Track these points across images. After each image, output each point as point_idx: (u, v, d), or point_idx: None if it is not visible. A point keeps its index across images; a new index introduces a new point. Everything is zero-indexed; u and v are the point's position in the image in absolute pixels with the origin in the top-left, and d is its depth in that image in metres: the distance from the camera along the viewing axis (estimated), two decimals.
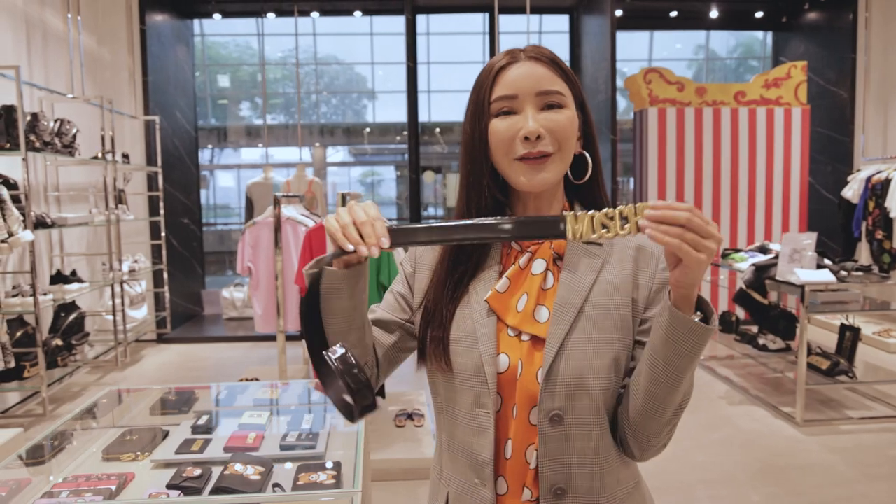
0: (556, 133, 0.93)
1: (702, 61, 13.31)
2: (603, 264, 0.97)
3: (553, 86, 0.94)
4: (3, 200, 3.67)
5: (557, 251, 0.99)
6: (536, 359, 0.93)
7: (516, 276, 0.97)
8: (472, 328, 0.96)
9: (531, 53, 0.96)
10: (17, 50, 4.68)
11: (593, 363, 0.92)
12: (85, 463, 1.70)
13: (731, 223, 6.68)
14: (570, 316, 0.93)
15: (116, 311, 5.30)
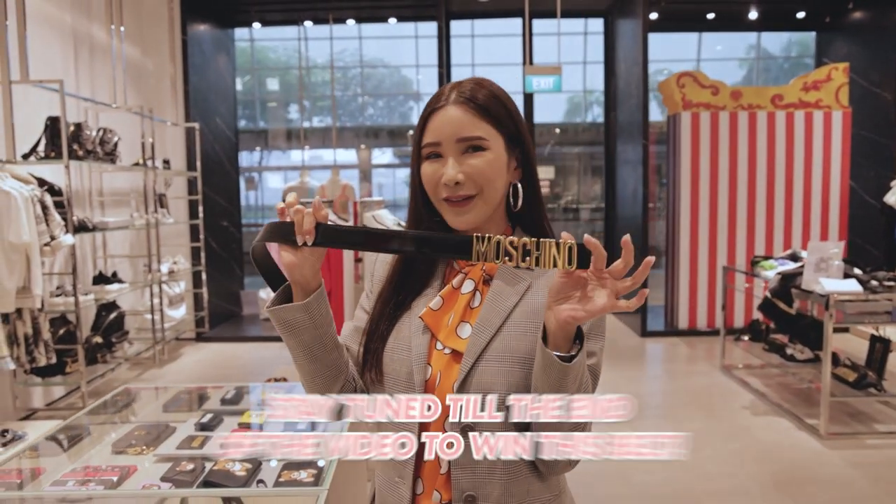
0: (475, 177, 1.00)
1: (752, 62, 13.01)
2: (528, 288, 1.03)
3: (473, 131, 1.00)
4: (47, 206, 3.89)
5: (489, 273, 1.05)
6: (454, 371, 1.00)
7: (449, 295, 1.04)
8: (408, 340, 1.03)
9: (462, 96, 1.00)
10: (66, 63, 4.95)
11: (504, 379, 0.97)
12: (96, 455, 1.82)
13: (766, 230, 6.56)
14: (489, 334, 0.99)
15: (155, 311, 5.53)
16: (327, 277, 3.58)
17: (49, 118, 4.19)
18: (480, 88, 1.02)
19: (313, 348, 0.99)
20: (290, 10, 7.63)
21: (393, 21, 7.94)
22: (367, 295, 1.14)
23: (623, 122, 7.30)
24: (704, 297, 6.61)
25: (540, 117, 14.43)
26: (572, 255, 0.84)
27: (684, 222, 6.57)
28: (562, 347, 0.91)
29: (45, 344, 3.96)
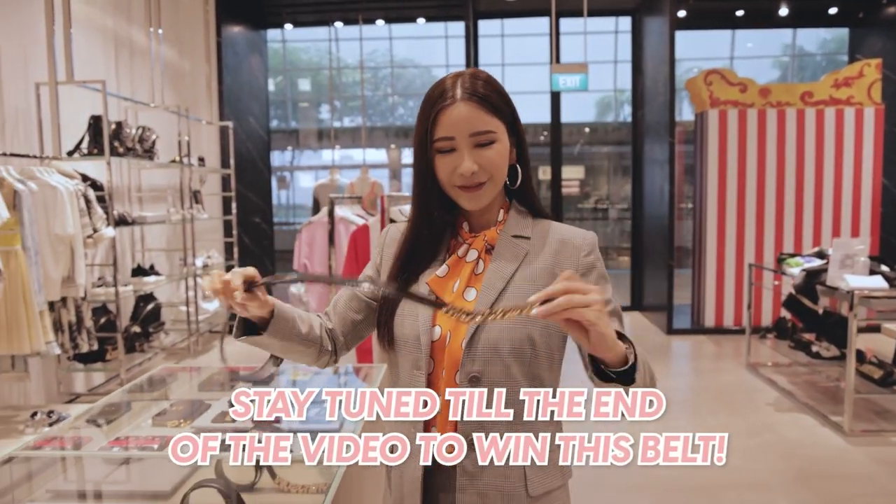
0: (487, 167, 1.10)
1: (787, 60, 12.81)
2: (526, 254, 1.15)
3: (484, 126, 1.09)
4: (90, 201, 4.07)
5: (490, 243, 1.17)
6: (462, 330, 1.10)
7: (454, 264, 1.16)
8: (415, 307, 1.14)
9: (466, 91, 1.08)
10: (107, 64, 5.16)
11: (507, 336, 1.08)
12: (137, 428, 1.95)
13: (795, 228, 6.51)
14: (492, 296, 1.11)
15: (190, 303, 5.72)
16: (357, 272, 3.70)
17: (92, 117, 4.38)
18: (481, 82, 1.11)
19: (284, 350, 1.17)
20: (321, 12, 7.79)
21: (421, 21, 8.06)
22: (374, 265, 1.26)
23: (650, 121, 7.30)
24: (731, 296, 6.59)
25: (569, 116, 14.38)
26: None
27: (711, 220, 6.56)
28: (614, 361, 0.95)
29: (87, 331, 4.15)
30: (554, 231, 1.18)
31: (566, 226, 1.20)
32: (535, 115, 8.27)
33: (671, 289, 6.59)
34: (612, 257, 11.75)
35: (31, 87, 4.19)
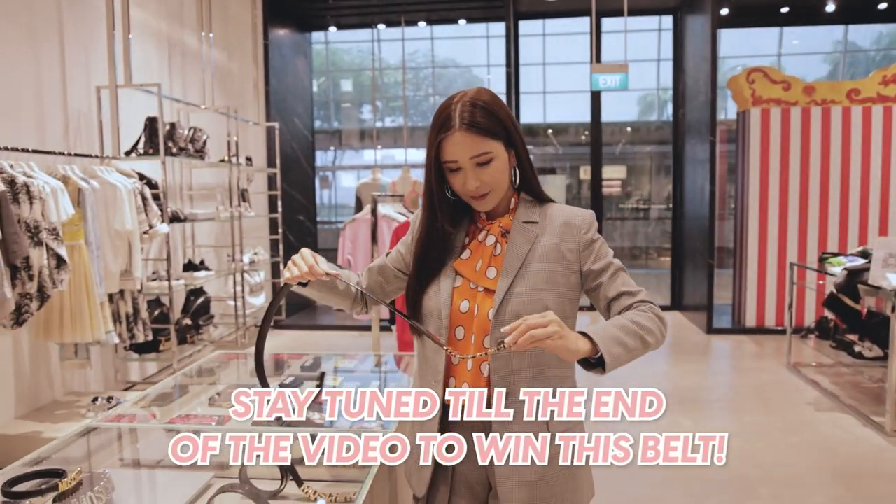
0: (489, 182, 1.30)
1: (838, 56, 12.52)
2: (537, 237, 1.34)
3: (481, 149, 1.27)
4: (146, 198, 4.29)
5: (505, 228, 1.36)
6: (487, 303, 1.32)
7: (475, 248, 1.38)
8: (438, 285, 1.37)
9: (464, 122, 1.26)
10: (161, 68, 5.40)
11: (527, 307, 1.28)
12: (195, 408, 2.10)
13: (840, 228, 6.41)
14: (512, 274, 1.31)
15: (237, 298, 5.94)
16: None
17: (148, 118, 4.61)
18: (477, 109, 1.27)
19: (323, 299, 1.48)
20: (364, 14, 7.96)
21: (462, 22, 8.16)
22: (407, 244, 1.49)
23: (691, 120, 7.26)
24: (773, 296, 6.52)
25: (612, 116, 14.29)
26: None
27: (753, 220, 6.50)
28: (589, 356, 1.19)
29: (143, 322, 4.37)
30: (558, 214, 1.37)
31: (568, 207, 1.40)
32: (576, 114, 8.28)
33: (711, 288, 6.55)
34: (653, 257, 11.66)
35: (93, 90, 4.44)
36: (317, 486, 1.49)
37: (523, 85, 8.06)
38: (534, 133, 14.99)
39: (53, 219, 3.38)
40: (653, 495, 3.13)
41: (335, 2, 7.44)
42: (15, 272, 3.22)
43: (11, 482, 1.33)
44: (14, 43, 3.80)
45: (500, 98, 1.34)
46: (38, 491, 1.30)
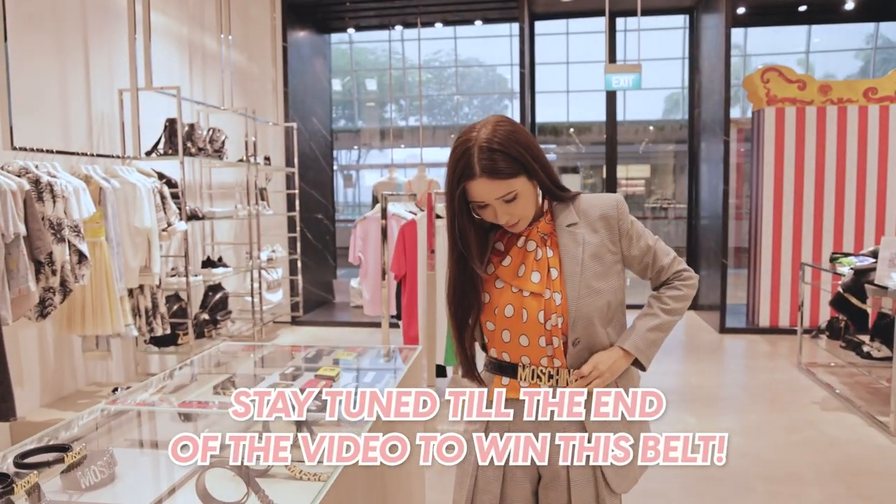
0: (518, 214, 1.39)
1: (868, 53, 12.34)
2: (583, 238, 1.42)
3: (506, 189, 1.34)
4: (165, 197, 4.45)
5: (543, 232, 1.44)
6: (534, 306, 1.39)
7: (516, 253, 1.45)
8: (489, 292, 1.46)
9: (485, 170, 1.31)
10: (182, 70, 5.57)
11: (593, 308, 1.40)
12: (201, 395, 2.22)
13: (856, 228, 6.37)
14: (577, 276, 1.40)
15: (255, 294, 6.10)
16: (403, 263, 3.93)
17: (168, 120, 4.77)
18: (495, 154, 1.31)
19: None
20: (382, 16, 8.08)
21: (479, 23, 8.24)
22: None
23: (706, 120, 7.25)
24: (787, 296, 6.50)
25: (637, 114, 14.23)
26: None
27: (767, 219, 6.49)
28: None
29: (161, 316, 4.53)
30: (591, 207, 1.45)
31: (597, 199, 1.47)
32: (599, 113, 8.29)
33: (724, 287, 6.55)
34: None
35: (115, 93, 4.61)
36: (302, 466, 1.59)
37: (546, 84, 8.13)
38: (557, 132, 14.98)
39: (75, 216, 3.54)
40: (650, 489, 3.17)
41: (353, 4, 7.56)
42: (39, 267, 3.38)
43: (23, 455, 1.45)
44: (41, 48, 3.98)
45: (516, 125, 1.37)
46: (46, 462, 1.42)
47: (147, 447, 1.86)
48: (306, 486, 1.51)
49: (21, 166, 3.40)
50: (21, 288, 3.21)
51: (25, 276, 3.22)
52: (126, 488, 1.49)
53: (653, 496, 3.11)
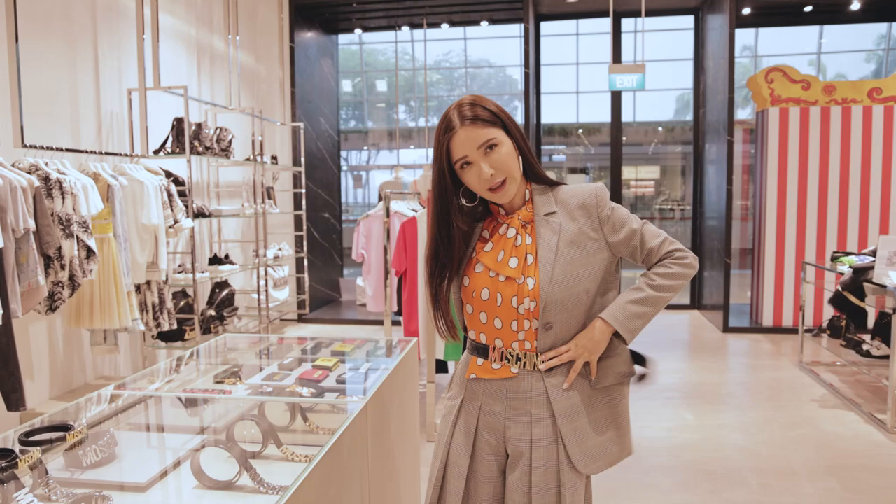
0: (501, 167, 1.42)
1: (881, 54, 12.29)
2: (560, 226, 1.46)
3: (486, 137, 1.41)
4: (172, 194, 4.54)
5: (524, 220, 1.50)
6: (509, 290, 1.45)
7: (497, 240, 1.51)
8: (461, 279, 1.54)
9: (465, 118, 1.41)
10: (190, 70, 5.67)
11: (567, 293, 1.43)
12: (202, 384, 2.29)
13: (859, 227, 6.37)
14: (550, 264, 1.44)
15: (261, 291, 6.18)
16: (403, 259, 3.99)
17: (175, 119, 4.86)
18: (475, 107, 1.42)
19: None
20: (389, 17, 8.16)
21: (485, 24, 8.30)
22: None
23: (711, 120, 7.27)
24: (791, 295, 6.51)
25: (646, 115, 14.23)
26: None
27: (770, 219, 6.50)
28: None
29: (168, 312, 4.62)
30: (570, 197, 1.49)
31: (576, 188, 1.51)
32: (605, 114, 8.33)
33: (727, 287, 6.57)
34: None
35: (124, 93, 4.71)
36: (295, 448, 1.65)
37: (554, 85, 8.14)
38: (566, 133, 14.98)
39: (84, 212, 3.63)
40: (645, 482, 3.23)
41: (360, 5, 7.64)
42: (48, 262, 3.47)
43: (27, 434, 1.53)
44: (51, 48, 4.08)
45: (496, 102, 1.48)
46: (49, 441, 1.49)
47: (147, 430, 1.93)
48: (298, 467, 1.57)
49: (31, 163, 3.49)
50: (31, 282, 3.30)
51: (35, 271, 3.31)
52: (125, 467, 1.56)
53: (646, 488, 3.16)
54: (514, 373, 1.48)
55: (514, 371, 1.48)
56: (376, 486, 1.85)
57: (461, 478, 1.50)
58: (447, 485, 1.52)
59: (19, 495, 1.31)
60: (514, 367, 1.48)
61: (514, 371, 1.48)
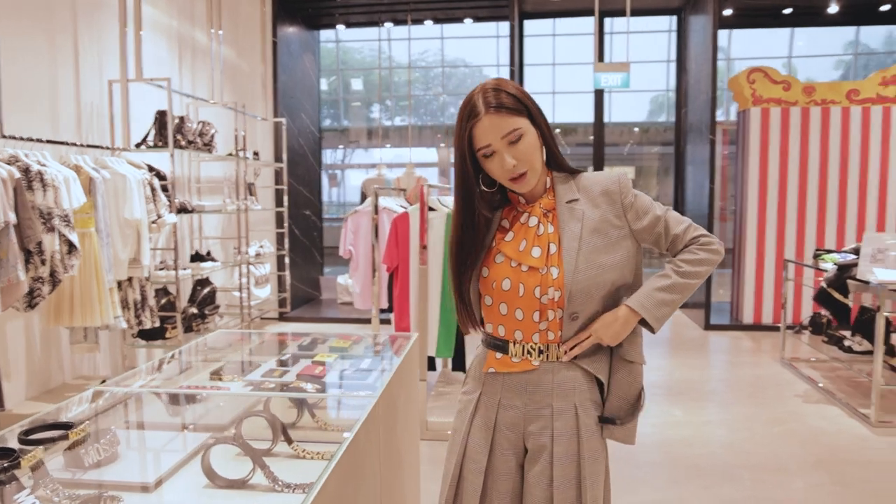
0: (523, 159, 1.38)
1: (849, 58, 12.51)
2: (583, 214, 1.43)
3: (511, 127, 1.36)
4: (155, 189, 4.43)
5: (545, 208, 1.46)
6: (531, 280, 1.41)
7: (518, 229, 1.47)
8: (483, 268, 1.49)
9: (490, 105, 1.35)
10: (171, 63, 5.55)
11: (592, 282, 1.40)
12: (197, 381, 2.23)
13: (838, 227, 6.48)
14: (574, 254, 1.41)
15: (243, 289, 6.08)
16: (395, 255, 3.95)
17: (158, 112, 4.75)
18: (503, 93, 1.37)
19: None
20: (372, 13, 8.09)
21: (469, 21, 8.28)
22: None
23: (693, 121, 7.34)
24: (770, 293, 6.60)
25: (621, 116, 14.35)
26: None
27: (751, 218, 6.58)
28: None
29: (150, 309, 4.51)
30: (592, 184, 1.46)
31: (598, 175, 1.48)
32: (585, 114, 8.37)
33: (709, 285, 6.64)
34: (655, 255, 11.77)
35: (105, 84, 4.59)
36: (305, 445, 1.61)
37: (533, 85, 8.17)
38: None
39: (66, 206, 3.52)
40: (638, 477, 3.24)
41: (342, 0, 7.57)
42: (28, 256, 3.36)
43: (26, 432, 1.46)
44: (31, 39, 3.95)
45: (520, 86, 1.43)
46: (51, 438, 1.43)
47: (146, 429, 1.87)
48: (309, 464, 1.52)
49: (11, 154, 3.38)
50: (10, 277, 3.19)
51: (15, 266, 3.20)
52: (129, 466, 1.50)
53: (640, 483, 3.16)
54: (535, 365, 1.45)
55: (535, 364, 1.45)
56: (387, 483, 1.82)
57: (479, 474, 1.47)
58: (464, 481, 1.49)
59: (20, 497, 1.25)
60: (536, 359, 1.45)
61: (535, 363, 1.45)
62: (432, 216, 3.73)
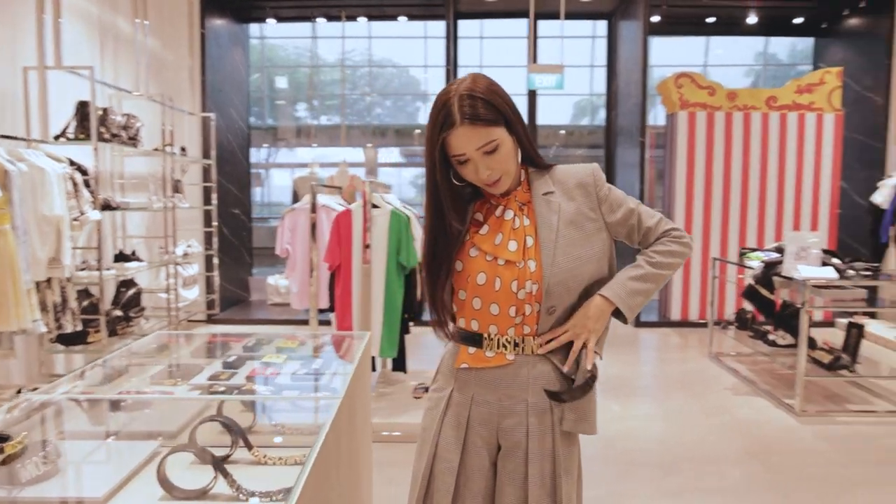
0: (499, 168, 1.36)
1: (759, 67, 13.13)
2: (559, 206, 1.42)
3: (486, 138, 1.32)
4: (77, 184, 4.16)
5: (521, 201, 1.44)
6: (508, 275, 1.38)
7: (494, 223, 1.44)
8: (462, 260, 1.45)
9: (466, 115, 1.30)
10: (92, 52, 5.23)
11: (569, 275, 1.39)
12: (137, 385, 2.09)
13: (758, 227, 6.80)
14: (551, 247, 1.39)
15: (170, 290, 5.81)
16: (338, 254, 3.86)
17: (79, 102, 4.46)
18: (476, 101, 1.31)
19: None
20: (304, 7, 7.92)
21: (403, 19, 8.22)
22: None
23: (623, 124, 7.55)
24: (696, 291, 6.86)
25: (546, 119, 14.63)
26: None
27: (679, 217, 6.82)
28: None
29: (72, 312, 4.23)
30: (566, 176, 1.46)
31: (572, 168, 1.48)
32: None
33: None
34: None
35: (20, 71, 4.27)
36: (266, 451, 1.53)
37: None
38: None
39: None
40: (586, 471, 3.27)
41: None
42: None
43: None
44: None
45: (495, 81, 1.36)
46: None
47: (88, 439, 1.73)
48: (272, 470, 1.45)
49: None
50: None
51: None
52: (74, 481, 1.38)
53: (586, 478, 3.19)
54: (510, 359, 1.42)
55: (509, 358, 1.42)
56: (352, 487, 1.75)
57: (451, 473, 1.43)
58: (435, 481, 1.44)
59: None
60: (511, 353, 1.42)
61: (510, 358, 1.42)
62: (376, 213, 3.67)
